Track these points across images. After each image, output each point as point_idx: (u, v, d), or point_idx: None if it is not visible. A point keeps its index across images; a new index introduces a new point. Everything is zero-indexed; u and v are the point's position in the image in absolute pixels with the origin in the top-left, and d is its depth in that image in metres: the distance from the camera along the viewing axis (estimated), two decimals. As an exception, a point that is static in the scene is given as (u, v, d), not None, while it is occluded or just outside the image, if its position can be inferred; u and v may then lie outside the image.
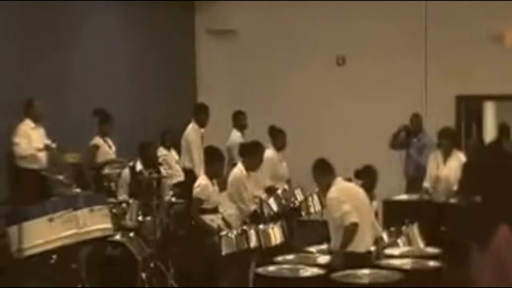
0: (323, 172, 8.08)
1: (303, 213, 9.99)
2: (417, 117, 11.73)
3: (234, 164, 10.49)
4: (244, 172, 9.71)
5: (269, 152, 10.61)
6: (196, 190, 9.08)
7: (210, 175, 9.24)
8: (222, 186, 9.52)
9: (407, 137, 11.61)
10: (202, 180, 9.21)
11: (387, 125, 11.83)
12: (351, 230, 7.68)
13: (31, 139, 10.19)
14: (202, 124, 11.72)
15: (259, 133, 11.16)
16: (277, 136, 11.02)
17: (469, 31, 12.95)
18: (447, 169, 10.17)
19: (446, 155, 10.27)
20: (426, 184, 10.34)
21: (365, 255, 7.69)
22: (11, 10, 10.73)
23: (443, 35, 13.19)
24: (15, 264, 8.16)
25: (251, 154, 9.90)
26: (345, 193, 7.94)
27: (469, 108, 13.88)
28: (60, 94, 11.40)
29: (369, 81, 13.61)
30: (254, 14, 14.39)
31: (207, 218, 9.02)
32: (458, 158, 10.16)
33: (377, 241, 8.05)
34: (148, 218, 9.46)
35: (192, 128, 11.70)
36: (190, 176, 11.39)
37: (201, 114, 11.74)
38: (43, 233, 7.93)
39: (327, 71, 13.99)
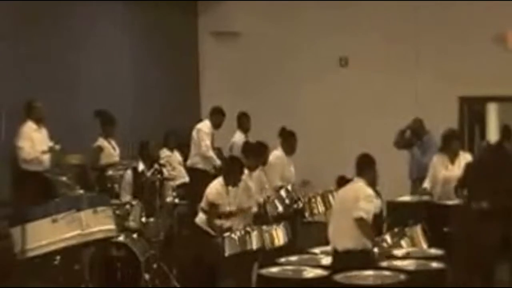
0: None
1: (306, 214, 9.98)
2: (418, 121, 11.66)
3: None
4: (246, 171, 9.70)
5: (277, 153, 10.48)
6: (210, 197, 8.96)
7: (229, 183, 9.15)
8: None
9: (413, 137, 11.56)
10: (218, 186, 9.09)
11: (390, 126, 11.81)
12: None
13: (34, 141, 10.14)
14: (215, 125, 12.10)
15: (261, 134, 11.14)
16: (288, 139, 10.73)
17: (472, 32, 12.94)
18: (457, 169, 10.02)
19: (454, 156, 10.17)
20: (426, 184, 10.30)
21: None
22: (14, 11, 10.73)
23: (446, 36, 13.18)
24: (18, 265, 8.17)
25: (254, 154, 9.89)
26: None
27: (472, 110, 13.85)
28: (63, 95, 11.39)
29: (372, 83, 13.60)
30: (257, 16, 14.38)
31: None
32: (466, 158, 10.10)
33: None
34: (152, 219, 9.48)
35: (205, 125, 12.13)
36: (196, 175, 11.49)
37: (214, 117, 12.11)
38: (47, 234, 7.94)
39: (330, 72, 13.98)
